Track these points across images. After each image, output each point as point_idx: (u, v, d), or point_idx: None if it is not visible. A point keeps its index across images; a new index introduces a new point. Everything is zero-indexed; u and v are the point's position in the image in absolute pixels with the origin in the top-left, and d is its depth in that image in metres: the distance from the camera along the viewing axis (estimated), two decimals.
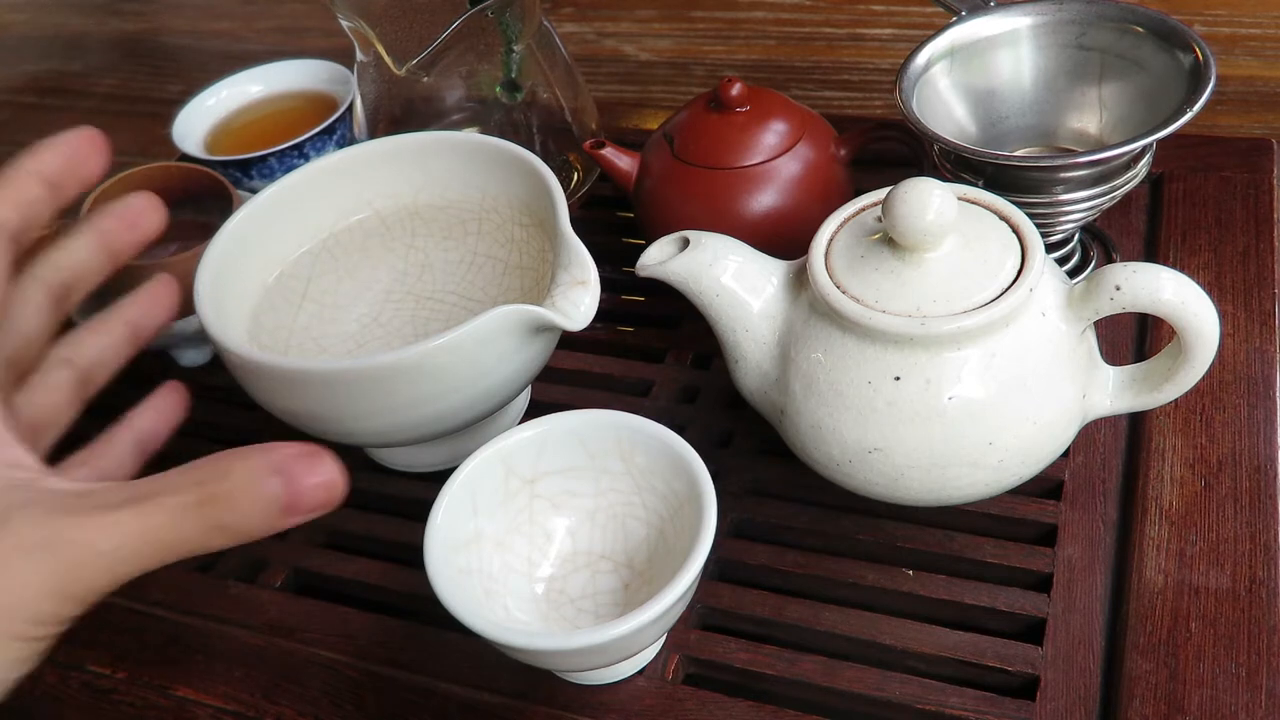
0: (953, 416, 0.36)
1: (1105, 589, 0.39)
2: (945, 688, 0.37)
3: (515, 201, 0.47)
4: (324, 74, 0.66)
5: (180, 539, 0.29)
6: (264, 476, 0.29)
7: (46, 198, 0.36)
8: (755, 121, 0.49)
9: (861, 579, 0.41)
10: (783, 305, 0.40)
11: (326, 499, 0.30)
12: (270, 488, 0.29)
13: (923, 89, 0.46)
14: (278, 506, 0.30)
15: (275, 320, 0.46)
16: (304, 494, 0.30)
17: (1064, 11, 0.47)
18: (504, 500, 0.39)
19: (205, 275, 0.42)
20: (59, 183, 0.36)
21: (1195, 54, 0.42)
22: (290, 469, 0.30)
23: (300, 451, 0.30)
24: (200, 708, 0.40)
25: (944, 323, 0.35)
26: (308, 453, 0.30)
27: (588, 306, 0.38)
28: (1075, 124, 0.48)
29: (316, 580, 0.45)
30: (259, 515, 0.30)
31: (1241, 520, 0.40)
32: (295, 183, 0.46)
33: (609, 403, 0.44)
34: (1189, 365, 0.37)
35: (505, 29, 0.53)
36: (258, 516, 0.30)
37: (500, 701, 0.39)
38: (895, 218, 0.36)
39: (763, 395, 0.40)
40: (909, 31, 0.76)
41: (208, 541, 0.30)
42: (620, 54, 0.81)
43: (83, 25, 1.03)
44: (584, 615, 0.39)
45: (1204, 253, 0.50)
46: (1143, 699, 0.35)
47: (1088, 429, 0.43)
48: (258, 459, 0.30)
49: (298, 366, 0.38)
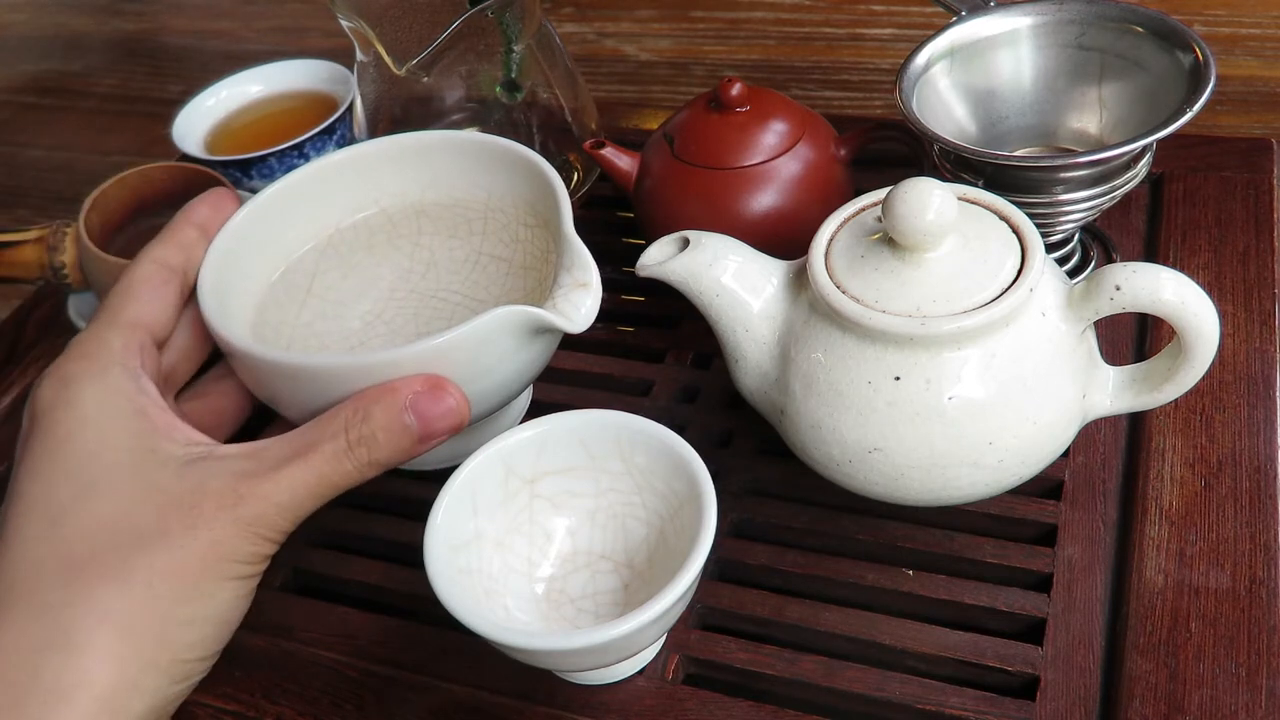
0: (953, 416, 0.36)
1: (1105, 589, 0.39)
2: (945, 688, 0.37)
3: (521, 201, 0.47)
4: (324, 74, 0.65)
5: (340, 478, 0.36)
6: (399, 414, 0.36)
7: (199, 241, 0.42)
8: (755, 121, 0.49)
9: (861, 579, 0.41)
10: (783, 305, 0.40)
11: (455, 423, 0.37)
12: (406, 422, 0.36)
13: (923, 89, 0.46)
14: (414, 438, 0.36)
15: (279, 316, 0.46)
16: (434, 422, 0.36)
17: (1064, 11, 0.47)
18: (504, 500, 0.39)
19: (208, 270, 0.42)
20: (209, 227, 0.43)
21: (1195, 54, 0.42)
22: (419, 404, 0.36)
23: (425, 386, 0.36)
24: (200, 708, 0.40)
25: (944, 323, 0.35)
26: (432, 385, 0.36)
27: (589, 309, 0.38)
28: (1075, 124, 0.48)
29: (316, 580, 0.45)
30: (400, 448, 0.36)
31: (1241, 520, 0.40)
32: (301, 179, 0.46)
33: (609, 403, 0.44)
34: (1189, 365, 0.37)
35: (505, 29, 0.53)
36: (399, 449, 0.36)
37: (500, 701, 0.39)
38: (895, 218, 0.36)
39: (763, 395, 0.40)
40: (909, 31, 0.76)
41: (363, 476, 0.36)
42: (620, 54, 0.81)
43: (83, 25, 1.03)
44: (584, 615, 0.39)
45: (1204, 253, 0.50)
46: (1143, 699, 0.35)
47: (1088, 429, 0.43)
48: (390, 399, 0.36)
49: (298, 362, 0.38)
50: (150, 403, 0.37)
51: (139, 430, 0.36)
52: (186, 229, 0.42)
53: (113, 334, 0.38)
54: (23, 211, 0.80)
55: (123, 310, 0.39)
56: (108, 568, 0.33)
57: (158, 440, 0.36)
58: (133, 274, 0.40)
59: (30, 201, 0.81)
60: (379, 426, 0.36)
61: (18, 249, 0.50)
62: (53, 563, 0.33)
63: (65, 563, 0.33)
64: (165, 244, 0.41)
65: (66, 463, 0.35)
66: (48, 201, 0.81)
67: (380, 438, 0.36)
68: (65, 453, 0.35)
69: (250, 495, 0.34)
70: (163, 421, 0.36)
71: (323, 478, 0.35)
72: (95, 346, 0.38)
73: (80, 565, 0.33)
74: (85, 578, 0.33)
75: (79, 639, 0.32)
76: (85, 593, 0.32)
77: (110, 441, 0.35)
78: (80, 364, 0.37)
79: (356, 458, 0.36)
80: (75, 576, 0.33)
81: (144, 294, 0.40)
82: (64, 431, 0.35)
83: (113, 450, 0.35)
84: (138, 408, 0.36)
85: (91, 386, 0.36)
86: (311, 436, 0.36)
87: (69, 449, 0.35)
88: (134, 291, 0.40)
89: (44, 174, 0.83)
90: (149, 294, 0.40)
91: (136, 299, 0.39)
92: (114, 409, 0.36)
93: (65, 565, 0.33)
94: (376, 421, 0.36)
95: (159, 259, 0.40)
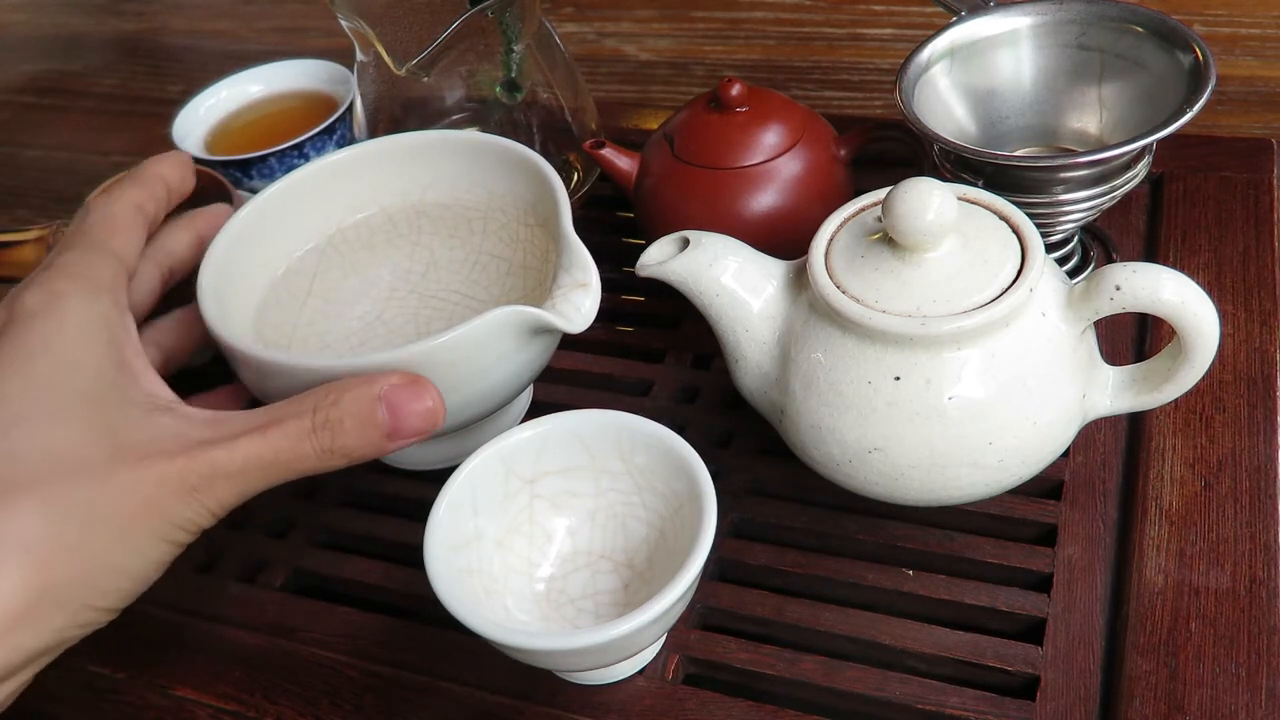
0: (953, 416, 0.36)
1: (1105, 589, 0.39)
2: (945, 688, 0.37)
3: (521, 202, 0.47)
4: (324, 74, 0.66)
5: (298, 460, 0.34)
6: (370, 404, 0.34)
7: (164, 199, 0.42)
8: (755, 121, 0.49)
9: (861, 579, 0.41)
10: (783, 305, 0.40)
11: (426, 425, 0.35)
12: (377, 414, 0.34)
13: (923, 89, 0.46)
14: (382, 432, 0.34)
15: (280, 316, 0.46)
16: (406, 420, 0.34)
17: (1064, 11, 0.47)
18: (504, 500, 0.39)
19: (209, 270, 0.42)
20: (172, 190, 0.43)
21: (1195, 54, 0.42)
22: (393, 397, 0.34)
23: (403, 381, 0.34)
24: (200, 708, 0.40)
25: (944, 323, 0.35)
26: (410, 381, 0.34)
27: (588, 309, 0.38)
28: (1075, 124, 0.48)
29: (316, 580, 0.45)
30: (366, 440, 0.34)
31: (1241, 520, 0.40)
32: (302, 179, 0.46)
33: (609, 403, 0.44)
34: (1189, 365, 0.37)
35: (505, 29, 0.53)
36: (365, 441, 0.34)
37: (500, 701, 0.39)
38: (895, 218, 0.36)
39: (763, 395, 0.40)
40: (909, 31, 0.76)
41: (322, 463, 0.34)
42: (620, 54, 0.81)
43: (83, 25, 1.03)
44: (584, 615, 0.39)
45: (1204, 253, 0.50)
46: (1143, 699, 0.35)
47: (1088, 429, 0.43)
48: (364, 388, 0.34)
49: (298, 363, 0.38)
50: (129, 342, 0.36)
51: (112, 366, 0.35)
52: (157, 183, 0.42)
53: (103, 263, 0.38)
54: (23, 211, 0.80)
55: (109, 242, 0.38)
56: (44, 497, 0.32)
57: (126, 382, 0.35)
58: (111, 209, 0.40)
59: (30, 201, 0.81)
60: (348, 413, 0.34)
61: (18, 249, 0.50)
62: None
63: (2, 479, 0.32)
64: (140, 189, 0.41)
65: (30, 377, 0.34)
66: (48, 201, 0.81)
67: (347, 424, 0.34)
68: (33, 367, 0.34)
69: (201, 460, 0.33)
70: (137, 365, 0.36)
71: (278, 454, 0.34)
72: (85, 270, 0.37)
73: (16, 486, 0.32)
74: (18, 500, 0.31)
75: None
76: (14, 515, 0.31)
77: (81, 368, 0.34)
78: (72, 284, 0.36)
79: (319, 441, 0.34)
80: (7, 496, 0.31)
81: (124, 230, 0.39)
82: (39, 343, 0.34)
83: (80, 378, 0.34)
84: (117, 344, 0.36)
85: (79, 309, 0.36)
86: (277, 413, 0.34)
87: (39, 364, 0.34)
88: (115, 226, 0.39)
89: (44, 174, 0.83)
90: (128, 232, 0.39)
91: (118, 233, 0.39)
92: (94, 337, 0.35)
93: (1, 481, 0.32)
94: (346, 408, 0.34)
95: (136, 202, 0.40)
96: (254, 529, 0.47)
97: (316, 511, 0.47)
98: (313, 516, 0.47)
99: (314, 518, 0.47)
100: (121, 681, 0.42)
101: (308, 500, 0.48)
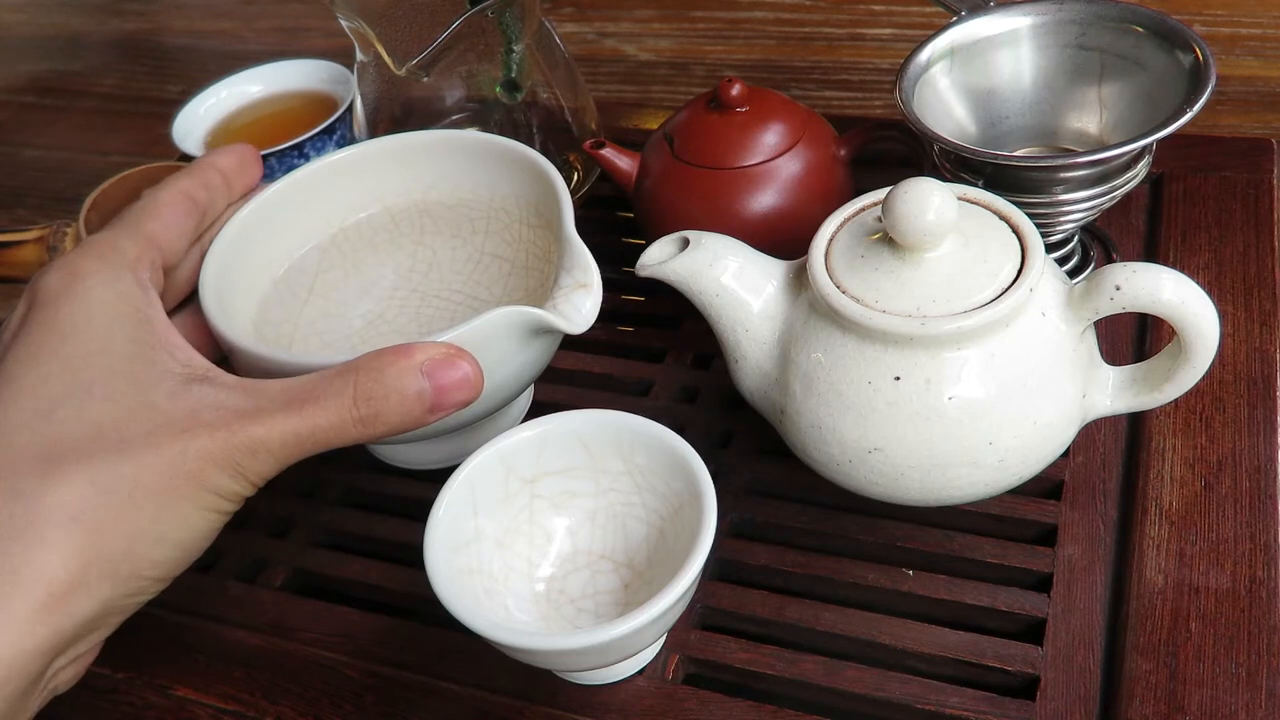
0: (953, 416, 0.36)
1: (1105, 589, 0.39)
2: (945, 688, 0.37)
3: (524, 202, 0.47)
4: (324, 74, 0.65)
5: (338, 433, 0.34)
6: (412, 377, 0.34)
7: (222, 187, 0.42)
8: (755, 121, 0.49)
9: (861, 579, 0.41)
10: (783, 305, 0.40)
11: (467, 396, 0.35)
12: (418, 387, 0.34)
13: (923, 89, 0.46)
14: (424, 405, 0.34)
15: (281, 315, 0.46)
16: (446, 392, 0.34)
17: (1064, 11, 0.47)
18: (504, 500, 0.39)
19: (210, 268, 0.41)
20: (231, 180, 0.43)
21: (1195, 54, 0.42)
22: (434, 370, 0.34)
23: (442, 353, 0.35)
24: (200, 708, 0.40)
25: (944, 323, 0.35)
26: (448, 354, 0.35)
27: (589, 310, 0.38)
28: (1075, 124, 0.48)
29: (316, 580, 0.45)
30: (409, 414, 0.34)
31: (1241, 520, 0.40)
32: (305, 178, 0.46)
33: (609, 403, 0.44)
34: (1189, 365, 0.37)
35: (505, 29, 0.53)
36: (408, 416, 0.34)
37: (500, 701, 0.39)
38: (895, 218, 0.36)
39: (763, 395, 0.40)
40: (909, 31, 0.76)
41: (361, 434, 0.34)
42: (620, 54, 0.81)
43: (83, 25, 1.03)
44: (584, 615, 0.39)
45: (1204, 253, 0.50)
46: (1143, 699, 0.35)
47: (1088, 429, 0.43)
48: (405, 361, 0.34)
49: (299, 361, 0.38)
50: (157, 315, 0.36)
51: (142, 339, 0.35)
52: (211, 172, 0.42)
53: (129, 243, 0.38)
54: (23, 211, 0.80)
55: (142, 224, 0.39)
56: (89, 470, 0.32)
57: (159, 354, 0.35)
58: (158, 195, 0.40)
59: (30, 201, 0.81)
60: (392, 389, 0.34)
61: (18, 249, 0.50)
62: (34, 451, 0.32)
63: (47, 455, 0.32)
64: (192, 178, 0.41)
65: (65, 358, 0.34)
66: (48, 201, 0.81)
67: (392, 400, 0.34)
68: (66, 348, 0.34)
69: (241, 435, 0.33)
70: (167, 336, 0.36)
71: (316, 431, 0.34)
72: (110, 250, 0.37)
73: (61, 460, 0.32)
74: (65, 473, 0.32)
75: (45, 533, 0.31)
76: (62, 489, 0.32)
77: (113, 345, 0.35)
78: (93, 263, 0.37)
79: (361, 418, 0.34)
80: (54, 470, 0.32)
81: (166, 215, 0.39)
82: (67, 325, 0.35)
83: (113, 355, 0.35)
84: (145, 317, 0.36)
85: (102, 286, 0.36)
86: (315, 389, 0.34)
87: (71, 345, 0.34)
88: (157, 211, 0.39)
89: (44, 174, 0.83)
90: (170, 217, 0.39)
91: (158, 218, 0.39)
92: (120, 314, 0.35)
93: (46, 457, 0.32)
94: (390, 383, 0.34)
95: (185, 190, 0.40)
96: (254, 529, 0.47)
97: (316, 511, 0.47)
98: (313, 516, 0.47)
99: (314, 518, 0.47)
100: (121, 681, 0.42)
101: (308, 500, 0.48)
